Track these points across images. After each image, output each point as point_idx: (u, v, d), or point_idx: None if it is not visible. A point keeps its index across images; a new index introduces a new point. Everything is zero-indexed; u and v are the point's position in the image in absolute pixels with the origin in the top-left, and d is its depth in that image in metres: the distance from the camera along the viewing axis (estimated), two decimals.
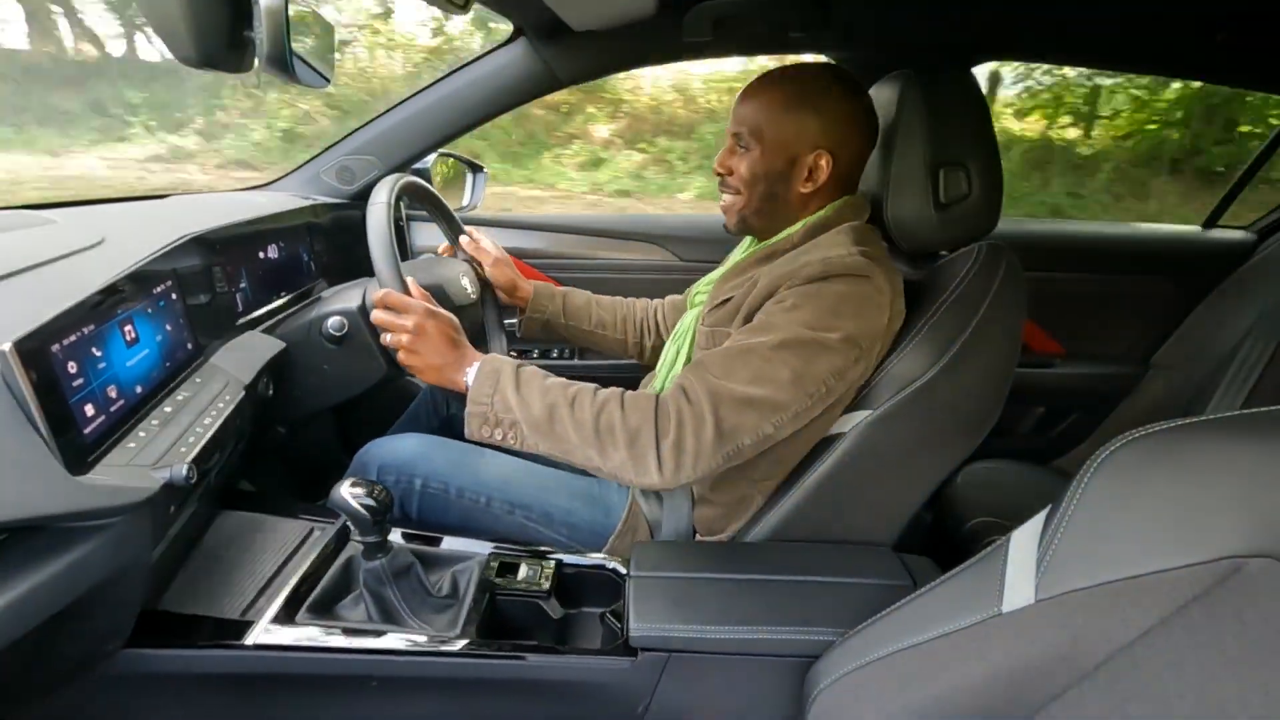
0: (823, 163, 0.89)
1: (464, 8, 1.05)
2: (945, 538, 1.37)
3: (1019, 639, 0.51)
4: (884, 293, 0.84)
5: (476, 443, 0.88)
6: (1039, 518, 0.54)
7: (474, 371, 0.86)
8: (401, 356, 0.89)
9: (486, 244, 1.24)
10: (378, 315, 0.90)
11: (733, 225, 0.98)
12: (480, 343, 1.27)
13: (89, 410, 0.64)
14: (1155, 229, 1.90)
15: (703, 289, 1.05)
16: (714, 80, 6.01)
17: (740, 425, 0.79)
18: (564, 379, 0.86)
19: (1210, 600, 0.41)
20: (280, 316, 1.07)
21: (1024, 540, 0.54)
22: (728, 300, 0.92)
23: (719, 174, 0.96)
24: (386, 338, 0.90)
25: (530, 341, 1.62)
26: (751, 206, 0.94)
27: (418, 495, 1.00)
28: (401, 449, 1.04)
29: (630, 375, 1.25)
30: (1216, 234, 1.80)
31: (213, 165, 5.41)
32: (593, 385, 0.85)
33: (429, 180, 1.45)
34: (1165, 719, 0.41)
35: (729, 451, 0.80)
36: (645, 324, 1.29)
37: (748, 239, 1.04)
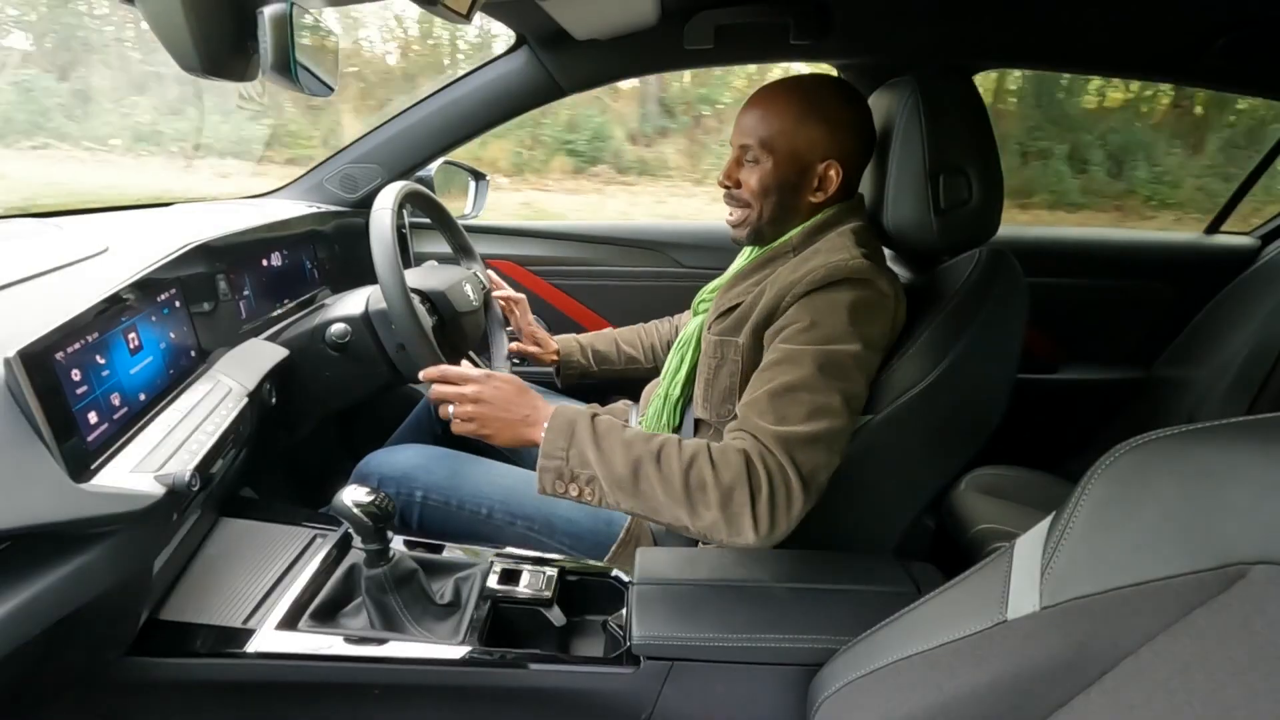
0: (832, 173, 0.90)
1: (467, 17, 1.06)
2: (949, 544, 1.36)
3: (1024, 646, 0.51)
4: (888, 295, 0.85)
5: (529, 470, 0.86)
6: (1043, 524, 0.54)
7: (546, 424, 0.82)
8: (470, 428, 0.85)
9: (521, 311, 1.25)
10: (437, 389, 0.86)
11: (744, 238, 0.96)
12: (482, 348, 1.27)
13: (92, 417, 0.65)
14: (1158, 235, 1.90)
15: (706, 297, 1.05)
16: None
17: (817, 465, 0.77)
18: (641, 429, 0.82)
19: (1216, 607, 0.41)
20: (283, 324, 1.08)
21: (1028, 546, 0.54)
22: (734, 308, 0.92)
23: (725, 186, 0.95)
24: (449, 409, 0.86)
25: None
26: (765, 218, 0.93)
27: (419, 508, 1.00)
28: (401, 461, 1.04)
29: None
30: (1219, 239, 1.80)
31: None
32: (675, 436, 0.80)
33: (432, 189, 1.46)
34: None
35: (814, 495, 0.78)
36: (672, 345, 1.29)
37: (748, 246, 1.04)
